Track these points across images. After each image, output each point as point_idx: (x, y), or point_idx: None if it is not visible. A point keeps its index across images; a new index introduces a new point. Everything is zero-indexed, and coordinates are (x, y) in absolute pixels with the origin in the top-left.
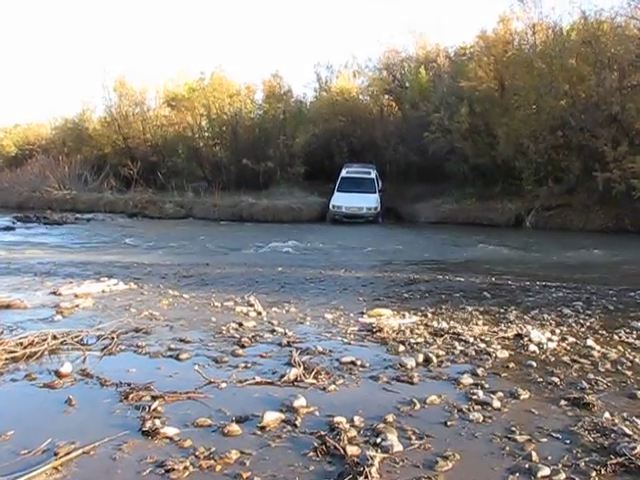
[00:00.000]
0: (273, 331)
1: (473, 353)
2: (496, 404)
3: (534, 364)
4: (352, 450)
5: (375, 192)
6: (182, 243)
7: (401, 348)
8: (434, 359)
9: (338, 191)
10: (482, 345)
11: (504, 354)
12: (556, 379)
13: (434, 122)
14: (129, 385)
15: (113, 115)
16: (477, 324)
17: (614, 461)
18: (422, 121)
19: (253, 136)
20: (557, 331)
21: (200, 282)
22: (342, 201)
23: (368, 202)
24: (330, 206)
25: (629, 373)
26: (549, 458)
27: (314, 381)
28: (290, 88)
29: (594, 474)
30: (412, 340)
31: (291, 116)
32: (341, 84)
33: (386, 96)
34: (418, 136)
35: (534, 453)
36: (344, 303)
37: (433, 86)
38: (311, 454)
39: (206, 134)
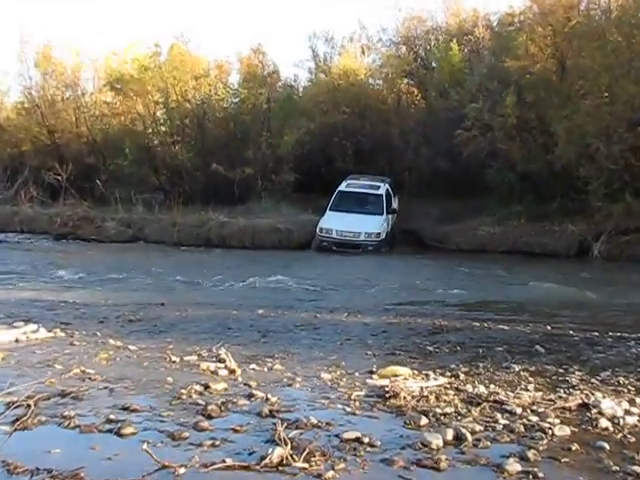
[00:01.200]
0: (251, 396)
1: (522, 429)
2: None
3: (606, 446)
4: None
5: (382, 213)
6: (128, 275)
7: (423, 421)
8: (468, 436)
9: (331, 210)
10: (534, 418)
11: (564, 431)
12: (638, 469)
13: (469, 116)
14: (50, 472)
15: (34, 100)
16: (527, 389)
17: None
18: (453, 114)
19: (226, 132)
20: (638, 401)
21: (152, 329)
22: (334, 223)
23: (369, 226)
24: (317, 229)
25: None
26: None
27: (305, 465)
28: (277, 68)
29: None
30: (438, 410)
31: (278, 106)
32: (345, 63)
33: (405, 80)
34: (447, 135)
35: None
36: (347, 358)
37: (469, 67)
38: None
39: (163, 129)
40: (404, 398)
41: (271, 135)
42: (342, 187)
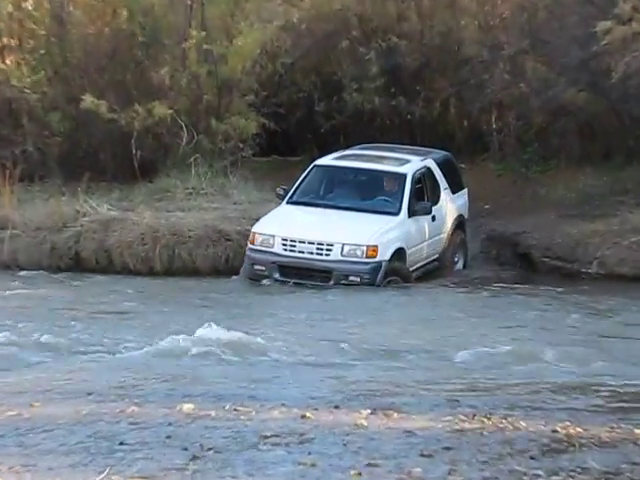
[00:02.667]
0: None
1: None
2: None
3: None
4: None
5: (396, 212)
6: None
7: None
8: None
9: (291, 201)
10: None
11: None
12: None
13: None
14: None
15: None
16: None
17: None
18: None
19: (114, 33)
20: None
21: None
22: (281, 226)
23: (355, 234)
24: (250, 241)
25: None
26: None
27: None
28: None
29: None
30: None
31: None
32: None
33: None
34: (578, 39)
35: None
36: None
37: None
38: None
39: None
40: None
41: (209, 36)
42: (324, 159)
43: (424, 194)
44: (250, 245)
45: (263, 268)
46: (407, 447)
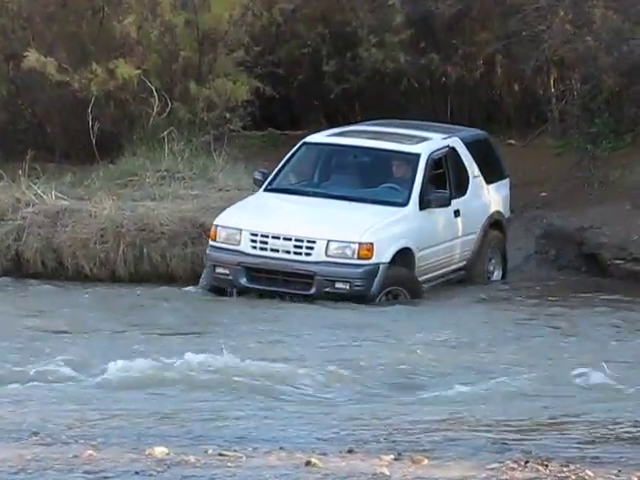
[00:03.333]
0: None
1: None
2: None
3: None
4: None
5: (404, 203)
6: None
7: None
8: None
9: (270, 189)
10: None
11: None
12: None
13: None
14: None
15: None
16: None
17: None
18: None
19: None
20: None
21: None
22: (257, 221)
23: (348, 232)
24: (210, 236)
25: None
26: None
27: None
28: None
29: None
30: None
31: None
32: None
33: None
34: None
35: None
36: None
37: None
38: None
39: None
40: None
41: None
42: (316, 136)
43: (446, 182)
44: (211, 242)
45: (227, 272)
46: None
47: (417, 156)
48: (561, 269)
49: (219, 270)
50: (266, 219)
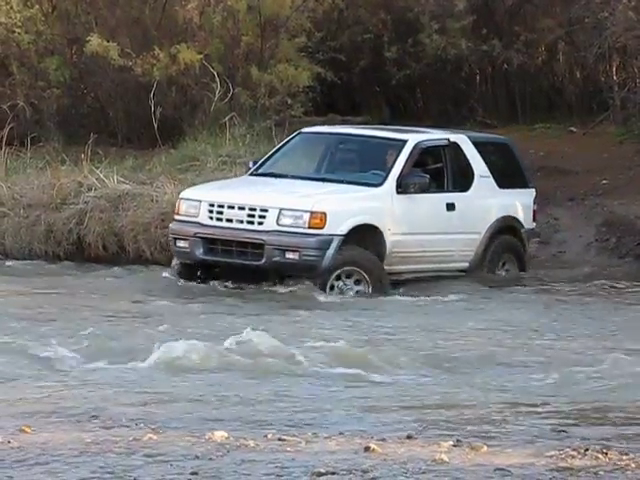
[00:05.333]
0: None
1: None
2: None
3: None
4: None
5: (379, 184)
6: None
7: None
8: None
9: (254, 173)
10: None
11: None
12: None
13: None
14: None
15: None
16: None
17: None
18: None
19: None
20: None
21: None
22: (216, 192)
23: (300, 200)
24: (175, 210)
25: None
26: None
27: None
28: None
29: None
30: None
31: None
32: None
33: None
34: None
35: None
36: None
37: None
38: None
39: None
40: None
41: None
42: (314, 127)
43: (442, 174)
44: (175, 216)
45: (186, 245)
46: None
47: (403, 142)
48: (621, 257)
49: (179, 244)
50: (225, 191)
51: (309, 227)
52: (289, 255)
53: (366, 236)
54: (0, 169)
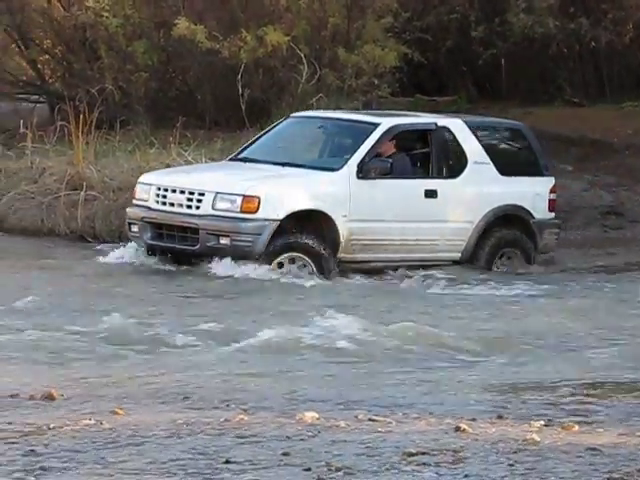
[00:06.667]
0: None
1: None
2: None
3: None
4: None
5: (337, 168)
6: None
7: None
8: None
9: (233, 159)
10: None
11: None
12: None
13: None
14: None
15: None
16: None
17: None
18: None
19: None
20: None
21: None
22: (166, 176)
23: (235, 184)
24: (134, 192)
25: None
26: None
27: None
28: None
29: None
30: None
31: None
32: None
33: None
34: None
35: None
36: None
37: None
38: None
39: None
40: None
41: None
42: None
43: (427, 160)
44: (133, 200)
45: (137, 229)
46: (590, 469)
47: (374, 125)
48: None
49: (133, 228)
50: (174, 175)
51: (242, 211)
52: (222, 240)
53: (313, 222)
54: (89, 153)
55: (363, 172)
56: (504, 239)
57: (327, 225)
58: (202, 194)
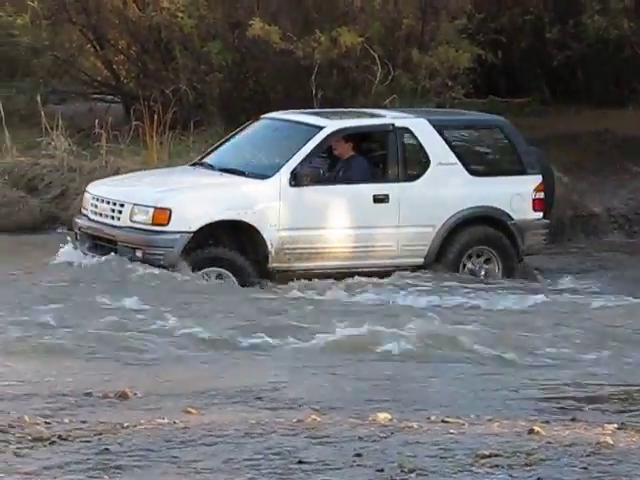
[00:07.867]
0: None
1: None
2: None
3: None
4: None
5: (268, 175)
6: None
7: None
8: None
9: (194, 163)
10: None
11: None
12: None
13: None
14: None
15: None
16: None
17: None
18: None
19: None
20: None
21: None
22: (102, 186)
23: (149, 195)
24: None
25: None
26: None
27: None
28: None
29: None
30: None
31: None
32: None
33: None
34: None
35: None
36: None
37: None
38: None
39: None
40: None
41: None
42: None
43: (380, 164)
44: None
45: (78, 239)
46: None
47: (318, 129)
48: None
49: (78, 237)
50: (111, 184)
51: (153, 224)
52: (137, 253)
53: (237, 233)
54: (163, 153)
55: (297, 179)
56: (472, 239)
57: (252, 236)
58: (122, 205)
